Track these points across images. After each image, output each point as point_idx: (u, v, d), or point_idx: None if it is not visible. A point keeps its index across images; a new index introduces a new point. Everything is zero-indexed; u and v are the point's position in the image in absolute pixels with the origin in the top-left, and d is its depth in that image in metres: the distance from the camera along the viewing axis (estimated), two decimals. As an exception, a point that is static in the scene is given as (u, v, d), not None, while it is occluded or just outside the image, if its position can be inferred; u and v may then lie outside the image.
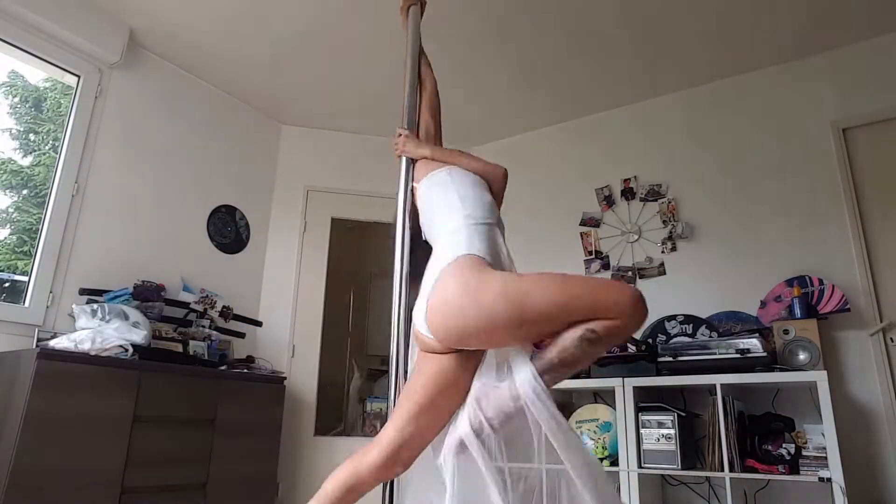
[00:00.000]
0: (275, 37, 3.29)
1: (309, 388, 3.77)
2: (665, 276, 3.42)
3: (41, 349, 2.36)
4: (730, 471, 2.54)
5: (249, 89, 3.84)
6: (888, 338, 2.79)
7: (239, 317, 3.62)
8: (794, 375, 2.60)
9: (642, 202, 3.61)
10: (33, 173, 3.06)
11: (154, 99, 3.44)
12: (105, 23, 3.11)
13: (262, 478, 3.05)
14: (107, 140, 3.16)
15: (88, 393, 2.39)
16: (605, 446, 2.87)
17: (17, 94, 3.14)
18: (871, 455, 2.68)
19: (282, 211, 4.08)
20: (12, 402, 2.27)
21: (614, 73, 3.52)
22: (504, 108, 3.91)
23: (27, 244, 2.93)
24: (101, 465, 2.38)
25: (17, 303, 2.76)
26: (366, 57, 3.41)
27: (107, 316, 2.69)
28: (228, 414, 2.91)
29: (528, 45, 3.27)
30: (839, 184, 3.04)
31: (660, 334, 3.19)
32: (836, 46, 3.19)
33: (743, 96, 3.43)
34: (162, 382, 2.64)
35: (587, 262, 3.70)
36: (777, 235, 3.14)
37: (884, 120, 3.01)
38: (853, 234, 2.94)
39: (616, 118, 3.85)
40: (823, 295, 2.85)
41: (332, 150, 4.24)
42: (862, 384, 2.77)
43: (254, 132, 4.04)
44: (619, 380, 2.89)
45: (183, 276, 3.40)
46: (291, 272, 3.96)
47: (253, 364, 3.31)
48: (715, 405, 2.65)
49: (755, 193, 3.26)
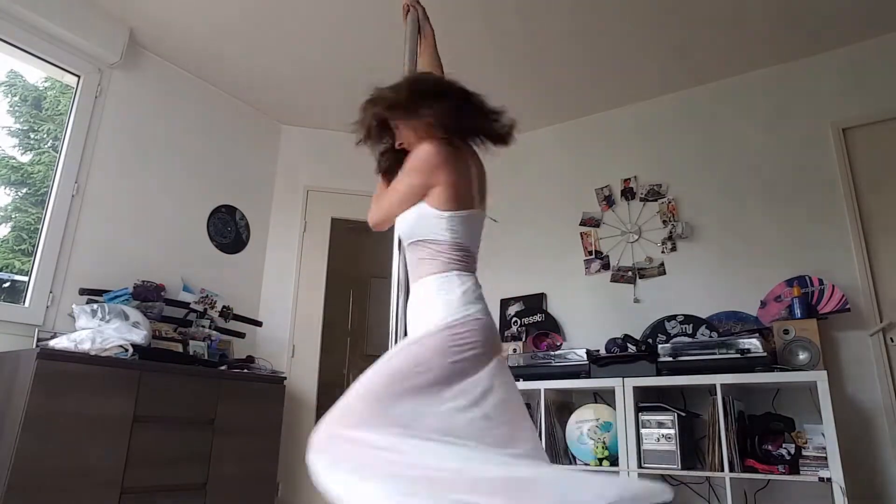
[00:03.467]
0: (275, 36, 3.29)
1: (309, 388, 3.77)
2: (665, 276, 3.42)
3: (41, 349, 2.36)
4: (730, 471, 2.54)
5: (249, 89, 3.84)
6: (888, 338, 2.79)
7: (239, 317, 3.61)
8: (794, 375, 2.60)
9: (642, 202, 3.61)
10: (33, 171, 3.06)
11: (154, 99, 3.44)
12: (105, 23, 3.11)
13: (262, 478, 3.05)
14: (107, 140, 3.16)
15: (88, 393, 2.38)
16: (605, 446, 2.87)
17: (16, 93, 3.14)
18: (871, 455, 2.68)
19: (282, 211, 4.08)
20: (12, 402, 2.27)
21: (614, 73, 3.52)
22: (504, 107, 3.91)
23: (25, 242, 2.92)
24: (101, 465, 2.38)
25: (17, 303, 2.76)
26: (366, 57, 3.40)
27: (107, 316, 2.69)
28: (228, 414, 2.91)
29: (528, 44, 3.27)
30: (839, 184, 3.04)
31: (660, 334, 3.19)
32: (837, 46, 3.19)
33: (743, 96, 3.43)
34: (162, 382, 2.64)
35: (587, 262, 3.70)
36: (777, 235, 3.14)
37: (884, 120, 3.01)
38: (853, 234, 2.94)
39: (616, 118, 3.85)
40: (823, 295, 2.85)
41: (332, 150, 4.23)
42: (862, 384, 2.77)
43: (254, 132, 4.04)
44: (619, 380, 2.89)
45: (183, 276, 3.39)
46: (291, 272, 3.96)
47: (253, 364, 3.31)
48: (715, 405, 2.65)
49: (755, 193, 3.26)
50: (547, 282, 3.80)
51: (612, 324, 3.38)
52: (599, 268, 3.65)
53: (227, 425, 2.89)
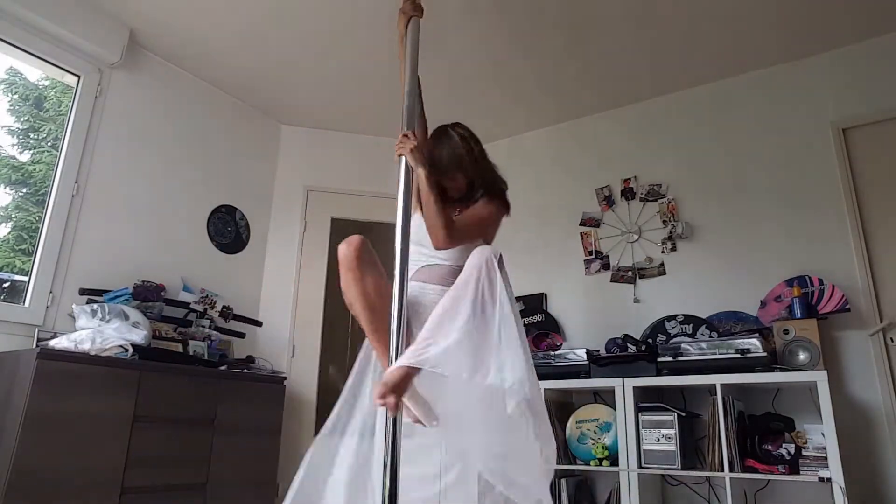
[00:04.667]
0: (275, 36, 3.29)
1: (309, 388, 3.77)
2: (665, 276, 3.42)
3: (41, 349, 2.36)
4: (730, 471, 2.54)
5: (249, 89, 3.84)
6: (888, 338, 2.79)
7: (239, 317, 3.62)
8: (794, 375, 2.61)
9: (642, 202, 3.61)
10: (33, 171, 3.06)
11: (154, 99, 3.44)
12: (105, 23, 3.11)
13: (262, 478, 3.05)
14: (107, 140, 3.16)
15: (88, 393, 2.39)
16: (605, 446, 2.87)
17: (17, 91, 3.14)
18: (871, 455, 2.68)
19: (282, 211, 4.08)
20: (12, 402, 2.27)
21: (615, 74, 3.52)
22: (504, 108, 3.91)
23: (26, 242, 2.93)
24: (101, 465, 2.38)
25: (17, 303, 2.76)
26: (366, 57, 3.40)
27: (107, 316, 2.69)
28: (228, 414, 2.91)
29: (528, 45, 3.27)
30: (839, 184, 3.04)
31: (660, 334, 3.19)
32: (836, 46, 3.19)
33: (743, 96, 3.43)
34: (162, 382, 2.64)
35: (587, 262, 3.70)
36: (777, 235, 3.14)
37: (884, 120, 3.01)
38: (853, 234, 2.94)
39: (616, 118, 3.85)
40: (823, 295, 2.85)
41: (332, 150, 4.24)
42: (862, 384, 2.77)
43: (254, 132, 4.04)
44: (619, 380, 2.89)
45: (183, 276, 3.39)
46: (291, 272, 3.96)
47: (253, 364, 3.31)
48: (715, 405, 2.65)
49: (755, 193, 3.26)
50: (547, 282, 3.80)
51: (612, 324, 3.38)
52: (599, 268, 3.65)
53: (227, 425, 2.89)
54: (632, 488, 2.71)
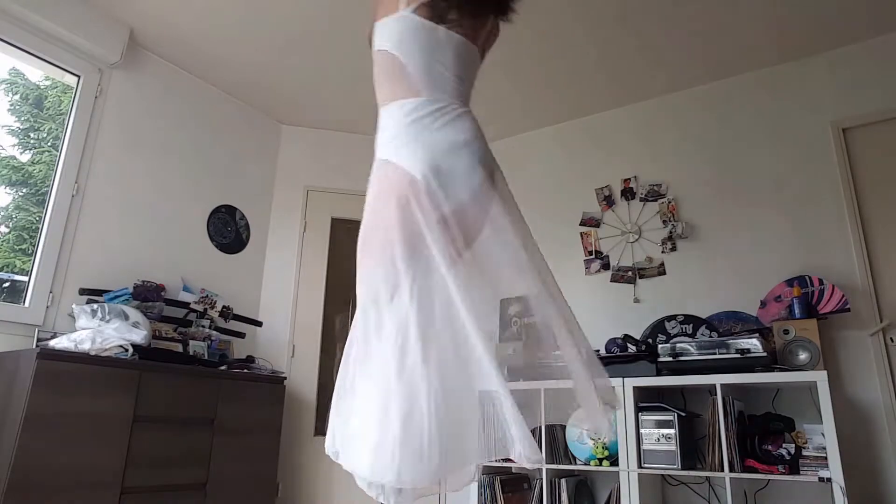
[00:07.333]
0: (275, 36, 3.29)
1: (309, 388, 3.77)
2: (665, 276, 3.42)
3: (41, 349, 2.36)
4: (730, 471, 2.54)
5: (249, 89, 3.84)
6: (888, 338, 2.79)
7: (239, 317, 3.62)
8: (794, 375, 2.60)
9: (642, 202, 3.61)
10: (33, 171, 3.06)
11: (154, 99, 3.44)
12: (105, 23, 3.11)
13: (262, 478, 3.05)
14: (107, 140, 3.16)
15: (88, 393, 2.39)
16: (605, 446, 2.87)
17: (17, 91, 3.14)
18: (871, 455, 2.68)
19: (282, 211, 4.08)
20: (12, 402, 2.27)
21: (614, 73, 3.52)
22: (504, 108, 3.91)
23: (26, 242, 2.92)
24: (101, 465, 2.38)
25: (17, 303, 2.76)
26: (366, 57, 3.39)
27: (107, 316, 2.69)
28: (228, 414, 2.91)
29: (527, 45, 3.27)
30: (839, 184, 3.04)
31: (660, 334, 3.18)
32: (836, 46, 3.19)
33: (743, 96, 3.43)
34: (162, 382, 2.64)
35: (587, 262, 3.70)
36: (777, 235, 3.14)
37: (884, 120, 3.01)
38: (853, 234, 2.94)
39: (616, 118, 3.85)
40: (823, 295, 2.85)
41: (332, 150, 4.24)
42: (862, 384, 2.77)
43: (254, 132, 4.04)
44: (619, 380, 2.89)
45: (183, 276, 3.40)
46: (291, 272, 3.96)
47: (253, 364, 3.31)
48: (715, 405, 2.65)
49: (755, 193, 3.26)
50: (547, 282, 3.79)
51: (612, 324, 3.38)
52: (599, 268, 3.65)
53: (227, 425, 2.89)
54: (632, 488, 2.71)
